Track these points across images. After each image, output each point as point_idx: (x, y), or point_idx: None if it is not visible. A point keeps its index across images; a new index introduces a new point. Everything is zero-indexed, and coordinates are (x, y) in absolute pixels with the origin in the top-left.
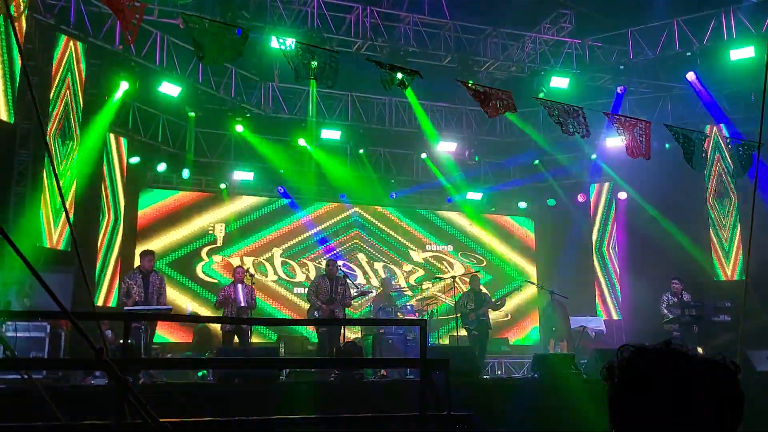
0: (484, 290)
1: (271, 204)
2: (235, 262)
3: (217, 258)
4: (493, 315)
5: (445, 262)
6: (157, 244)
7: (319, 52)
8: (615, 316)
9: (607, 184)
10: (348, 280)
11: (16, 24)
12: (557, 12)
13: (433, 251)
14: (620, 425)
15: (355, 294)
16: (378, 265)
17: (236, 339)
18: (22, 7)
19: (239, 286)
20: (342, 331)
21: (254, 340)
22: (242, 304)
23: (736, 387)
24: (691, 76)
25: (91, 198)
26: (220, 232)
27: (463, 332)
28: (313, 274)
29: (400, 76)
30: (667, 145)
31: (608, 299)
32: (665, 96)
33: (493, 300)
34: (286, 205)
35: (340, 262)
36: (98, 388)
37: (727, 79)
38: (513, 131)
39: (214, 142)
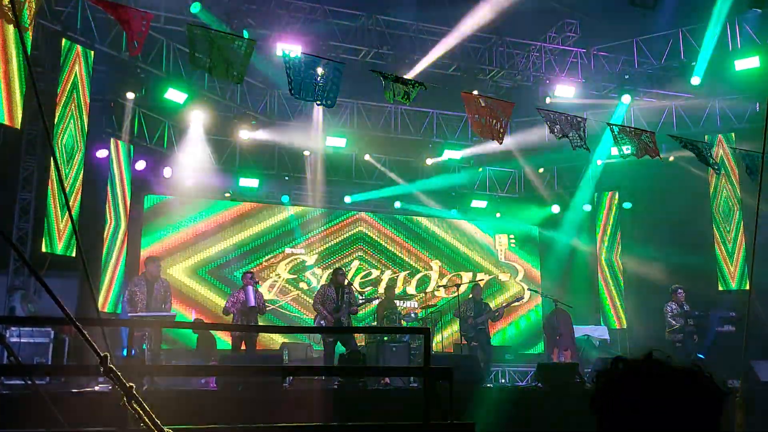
0: (484, 300)
1: (272, 209)
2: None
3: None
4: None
5: (447, 270)
6: (163, 250)
7: (324, 63)
8: (619, 325)
9: (612, 193)
10: (353, 288)
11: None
12: (563, 21)
13: (435, 259)
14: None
15: (361, 301)
16: (380, 272)
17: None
18: (31, 16)
19: (249, 288)
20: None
21: (257, 347)
22: (252, 304)
23: (709, 394)
24: (696, 82)
25: (97, 204)
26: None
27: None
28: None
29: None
30: (671, 158)
31: (612, 308)
32: (670, 106)
33: (492, 310)
34: (286, 210)
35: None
36: (102, 395)
37: (732, 89)
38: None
39: (219, 148)
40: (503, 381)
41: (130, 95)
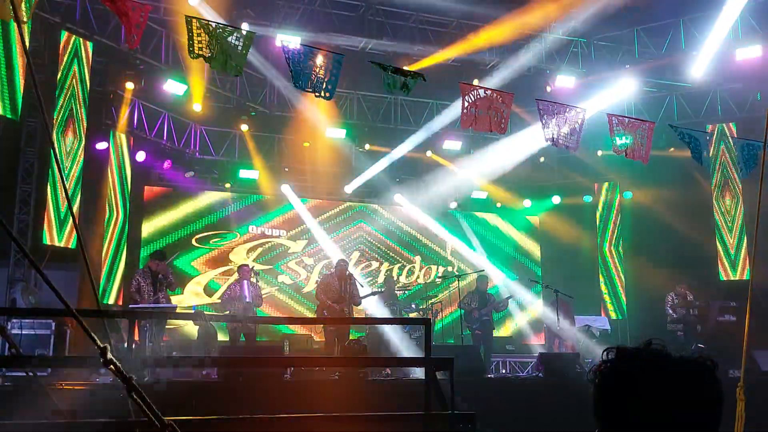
0: (488, 291)
1: (275, 202)
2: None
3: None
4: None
5: (448, 261)
6: (163, 241)
7: (323, 54)
8: (620, 316)
9: (612, 183)
10: (355, 278)
11: (23, 25)
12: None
13: (436, 250)
14: (603, 424)
15: (362, 291)
16: (379, 264)
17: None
18: (30, 11)
19: (245, 282)
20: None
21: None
22: (248, 299)
23: (712, 384)
24: (697, 71)
25: (97, 196)
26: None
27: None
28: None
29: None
30: (671, 149)
31: (613, 298)
32: (671, 95)
33: (497, 301)
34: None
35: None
36: (103, 387)
37: (733, 78)
38: (518, 129)
39: (219, 140)
40: (504, 371)
41: (130, 87)
